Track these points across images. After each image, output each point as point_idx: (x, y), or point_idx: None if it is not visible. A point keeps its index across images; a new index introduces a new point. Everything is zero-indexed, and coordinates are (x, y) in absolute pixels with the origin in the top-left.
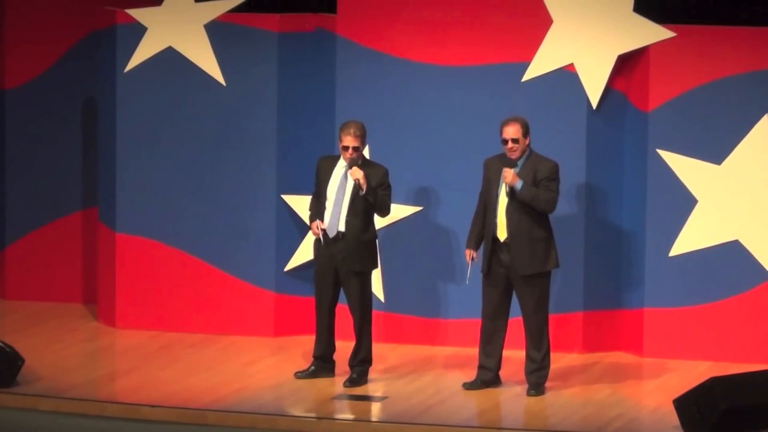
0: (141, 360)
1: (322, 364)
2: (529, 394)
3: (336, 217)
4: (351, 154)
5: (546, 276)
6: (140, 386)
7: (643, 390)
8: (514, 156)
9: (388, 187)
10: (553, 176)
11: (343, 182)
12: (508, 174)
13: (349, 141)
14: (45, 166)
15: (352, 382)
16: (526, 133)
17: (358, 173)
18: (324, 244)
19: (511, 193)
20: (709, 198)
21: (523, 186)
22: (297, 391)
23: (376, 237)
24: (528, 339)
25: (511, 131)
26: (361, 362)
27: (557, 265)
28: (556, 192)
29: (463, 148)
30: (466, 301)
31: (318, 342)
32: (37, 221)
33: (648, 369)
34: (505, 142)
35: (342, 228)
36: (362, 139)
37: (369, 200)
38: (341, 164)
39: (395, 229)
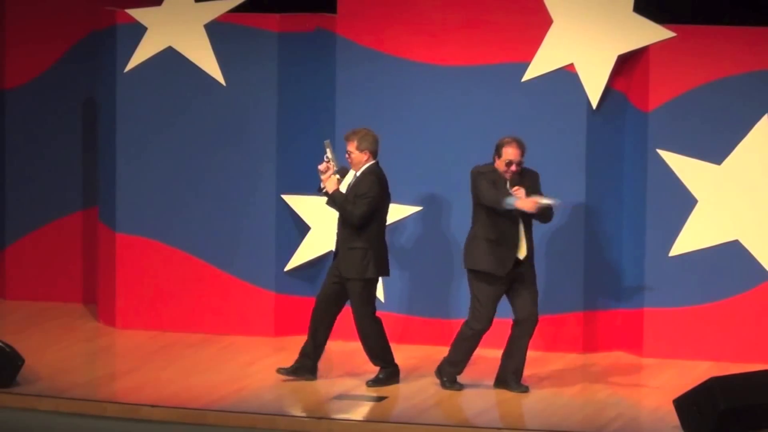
0: (141, 360)
1: (303, 361)
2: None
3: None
4: (348, 158)
5: None
6: (140, 386)
7: (643, 390)
8: (509, 177)
9: (365, 197)
10: (539, 188)
11: (348, 188)
12: (529, 203)
13: (347, 146)
14: (45, 166)
15: (375, 382)
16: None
17: (329, 181)
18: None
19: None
20: (709, 198)
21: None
22: (297, 391)
23: (370, 246)
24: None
25: (518, 154)
26: (383, 363)
27: None
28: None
29: (463, 148)
30: (466, 301)
31: (313, 332)
32: (37, 221)
33: (648, 369)
34: (510, 163)
35: (337, 244)
36: (356, 143)
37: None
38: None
39: (395, 229)
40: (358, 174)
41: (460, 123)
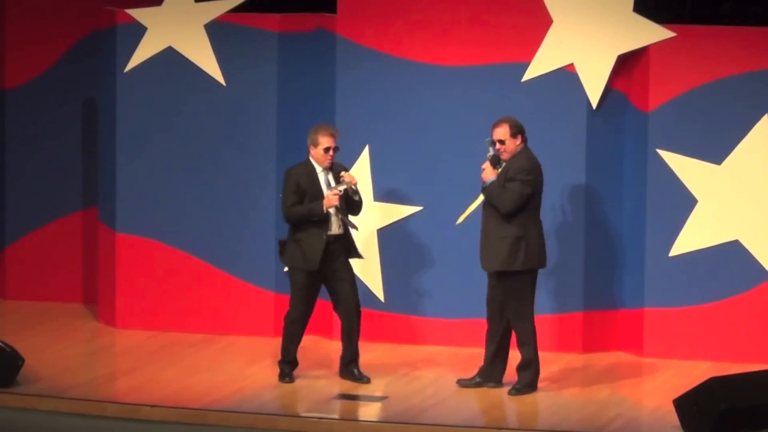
0: (141, 360)
1: (294, 368)
2: (509, 392)
3: (339, 220)
4: (332, 155)
5: (515, 275)
6: (140, 386)
7: (643, 390)
8: (504, 157)
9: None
10: (517, 176)
11: (330, 187)
12: (485, 171)
13: (330, 142)
14: (45, 166)
15: (368, 379)
16: (515, 133)
17: (352, 177)
18: (324, 247)
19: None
20: (709, 198)
21: (491, 183)
22: (297, 391)
23: None
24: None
25: (499, 132)
26: (356, 358)
27: (527, 265)
28: (516, 193)
29: (463, 148)
30: (466, 301)
31: (295, 346)
32: (37, 221)
33: (648, 369)
34: (493, 143)
35: (341, 231)
36: (338, 138)
37: (355, 199)
38: (319, 170)
39: (395, 229)
40: (332, 169)
41: (460, 123)
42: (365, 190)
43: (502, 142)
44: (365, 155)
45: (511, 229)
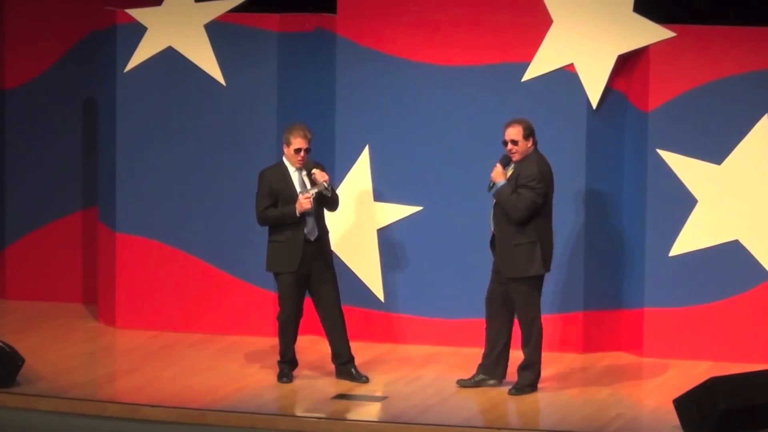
0: (141, 360)
1: (293, 368)
2: (509, 392)
3: (314, 221)
4: (303, 157)
5: (530, 279)
6: (140, 386)
7: (643, 390)
8: (515, 158)
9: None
10: (528, 184)
11: (305, 188)
12: (495, 170)
13: (301, 143)
14: (45, 166)
15: (367, 379)
16: (528, 135)
17: (324, 174)
18: (303, 247)
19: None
20: (709, 198)
21: (502, 186)
22: (297, 391)
23: None
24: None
25: (512, 132)
26: (353, 358)
27: (542, 270)
28: (528, 200)
29: (462, 148)
30: (467, 301)
31: (291, 345)
32: (37, 221)
33: (648, 369)
34: (505, 143)
35: (318, 231)
36: (311, 140)
37: (328, 196)
38: (292, 170)
39: (395, 229)
40: (305, 169)
41: (460, 123)
42: (365, 190)
43: (515, 142)
44: (365, 155)
45: (525, 236)
